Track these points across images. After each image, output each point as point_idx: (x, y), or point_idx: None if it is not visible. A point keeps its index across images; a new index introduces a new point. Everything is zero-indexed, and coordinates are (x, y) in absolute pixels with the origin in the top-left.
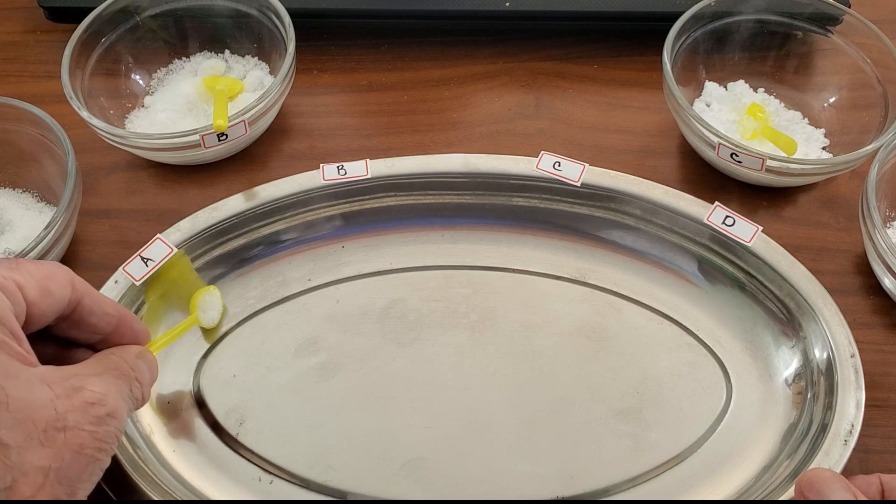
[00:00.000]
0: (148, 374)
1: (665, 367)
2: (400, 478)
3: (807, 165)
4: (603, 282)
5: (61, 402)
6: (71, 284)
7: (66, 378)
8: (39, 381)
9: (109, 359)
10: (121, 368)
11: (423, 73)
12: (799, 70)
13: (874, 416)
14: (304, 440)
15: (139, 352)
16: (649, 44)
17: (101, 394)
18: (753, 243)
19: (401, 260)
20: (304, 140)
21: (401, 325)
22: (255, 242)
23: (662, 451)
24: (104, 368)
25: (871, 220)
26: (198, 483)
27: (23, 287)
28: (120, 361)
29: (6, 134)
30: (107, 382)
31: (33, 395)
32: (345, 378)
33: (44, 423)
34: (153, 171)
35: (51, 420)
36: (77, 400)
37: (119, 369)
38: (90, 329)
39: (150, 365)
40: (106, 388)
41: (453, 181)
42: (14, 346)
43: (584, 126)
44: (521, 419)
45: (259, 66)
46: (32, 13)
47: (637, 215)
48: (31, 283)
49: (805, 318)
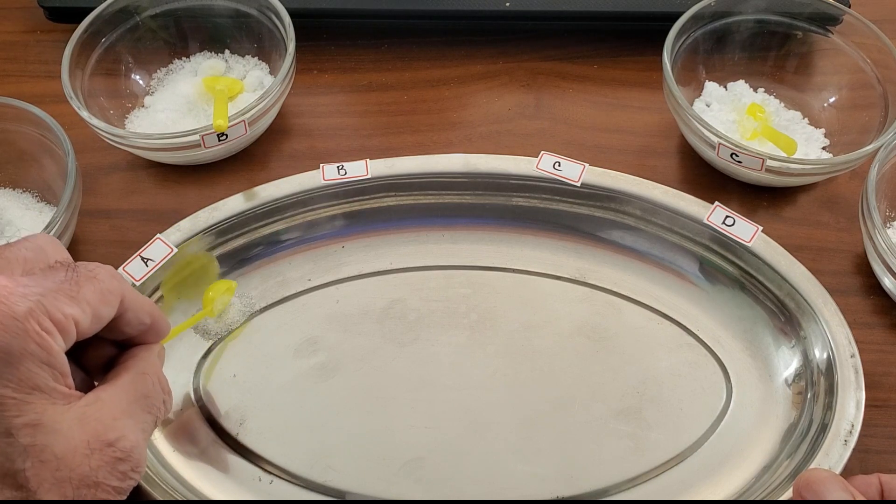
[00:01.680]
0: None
1: (665, 367)
2: (400, 478)
3: (807, 165)
4: (603, 282)
5: (94, 459)
6: (120, 301)
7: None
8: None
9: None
10: (151, 398)
11: (423, 73)
12: (799, 70)
13: (874, 416)
14: (304, 440)
15: (160, 352)
16: (649, 44)
17: (129, 450)
18: (753, 243)
19: (401, 260)
20: (304, 140)
21: (401, 325)
22: (255, 242)
23: (662, 451)
24: (136, 399)
25: (871, 220)
26: (198, 483)
27: (79, 323)
28: (153, 388)
29: (6, 134)
30: (136, 428)
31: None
32: (345, 378)
33: (77, 481)
34: (153, 171)
35: (84, 478)
36: (108, 455)
37: (150, 399)
38: (119, 333)
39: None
40: (136, 438)
41: (453, 181)
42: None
43: (584, 126)
44: (521, 419)
45: (259, 66)
46: (32, 13)
47: (637, 215)
48: (86, 315)
49: (805, 318)
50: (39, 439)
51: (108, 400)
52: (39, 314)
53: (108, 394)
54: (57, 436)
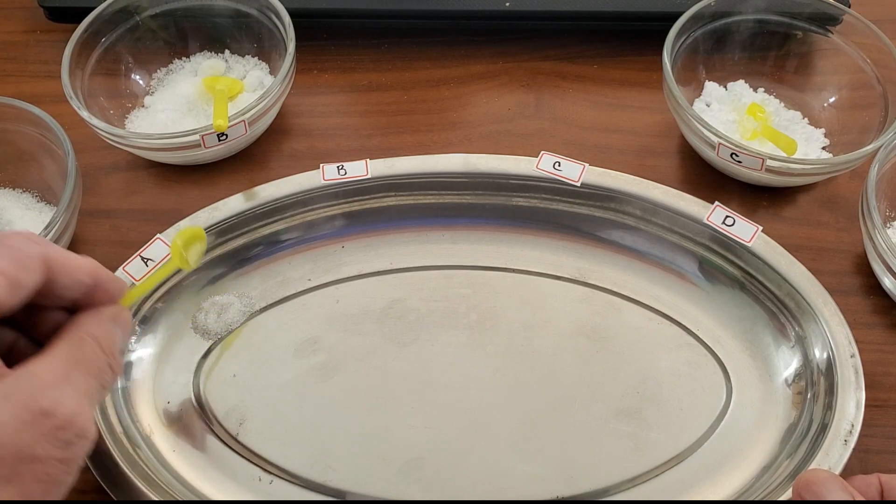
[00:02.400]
0: (121, 340)
1: (665, 367)
2: (400, 478)
3: (807, 165)
4: (603, 282)
5: (28, 432)
6: (43, 265)
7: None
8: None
9: (80, 348)
10: (91, 361)
11: (423, 73)
12: (799, 70)
13: (874, 416)
14: (304, 440)
15: (113, 314)
16: (649, 44)
17: (69, 416)
18: (753, 243)
19: (401, 260)
20: (304, 140)
21: (401, 325)
22: (255, 242)
23: (662, 451)
24: (73, 365)
25: (871, 220)
26: (198, 483)
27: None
28: (91, 351)
29: (6, 134)
30: (76, 393)
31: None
32: (345, 378)
33: (12, 457)
34: (153, 171)
35: (17, 454)
36: (44, 426)
37: (89, 362)
38: (59, 299)
39: (125, 327)
40: (76, 404)
41: (453, 181)
42: None
43: (584, 126)
44: (521, 419)
45: (259, 66)
46: (32, 13)
47: (637, 215)
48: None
49: (805, 318)
50: None
51: (39, 370)
52: None
53: (40, 364)
54: None
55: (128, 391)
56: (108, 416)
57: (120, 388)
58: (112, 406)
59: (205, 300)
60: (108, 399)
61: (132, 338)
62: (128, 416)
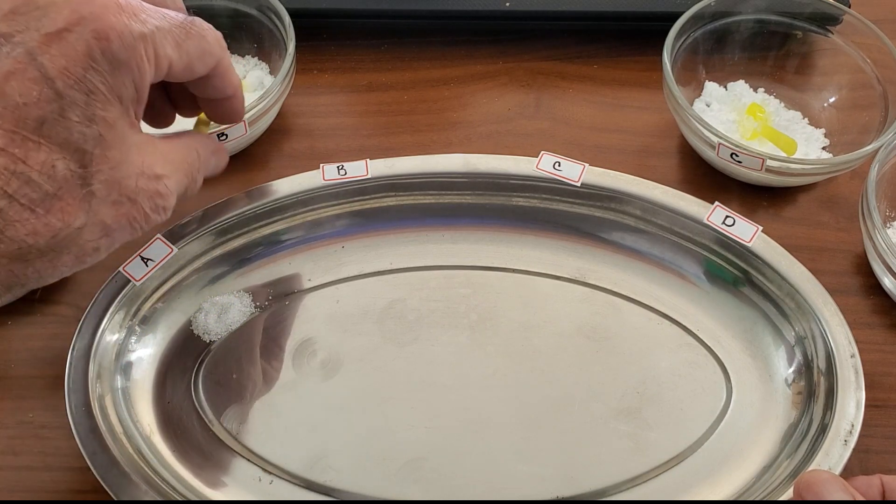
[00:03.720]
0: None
1: (665, 367)
2: (400, 478)
3: (807, 165)
4: (603, 282)
5: (141, 181)
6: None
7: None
8: (136, 151)
9: (191, 154)
10: (194, 169)
11: (423, 73)
12: (799, 70)
13: (874, 416)
14: (304, 440)
15: (217, 148)
16: (649, 44)
17: (169, 192)
18: (753, 243)
19: (401, 260)
20: (304, 140)
21: (401, 325)
22: (255, 242)
23: (662, 451)
24: (182, 162)
25: (871, 220)
26: (198, 483)
27: (172, 66)
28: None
29: None
30: (178, 183)
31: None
32: (345, 378)
33: (122, 188)
34: None
35: (128, 189)
36: (152, 186)
37: (192, 168)
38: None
39: (220, 162)
40: (176, 186)
41: (453, 181)
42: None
43: (584, 126)
44: (521, 419)
45: (259, 66)
46: None
47: (637, 215)
48: (182, 62)
49: (805, 319)
50: (109, 137)
51: (161, 148)
52: (149, 42)
53: (163, 145)
54: (122, 144)
55: (128, 391)
56: (109, 416)
57: (120, 388)
58: (112, 406)
59: (205, 300)
60: (109, 399)
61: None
62: (128, 416)
